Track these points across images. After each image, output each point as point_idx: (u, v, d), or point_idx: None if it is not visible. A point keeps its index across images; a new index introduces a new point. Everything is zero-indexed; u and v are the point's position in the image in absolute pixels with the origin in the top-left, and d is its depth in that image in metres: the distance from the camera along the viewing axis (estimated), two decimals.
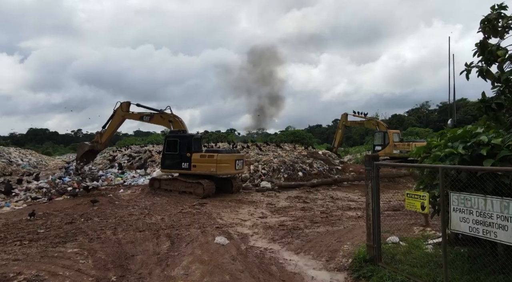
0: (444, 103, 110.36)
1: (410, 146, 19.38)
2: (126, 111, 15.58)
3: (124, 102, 15.79)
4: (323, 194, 13.35)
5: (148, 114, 15.04)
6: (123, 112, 15.53)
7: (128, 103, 15.77)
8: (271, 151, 19.39)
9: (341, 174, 16.62)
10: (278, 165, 15.92)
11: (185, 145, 13.32)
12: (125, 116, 15.60)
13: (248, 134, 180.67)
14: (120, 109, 15.55)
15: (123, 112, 15.53)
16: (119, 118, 15.74)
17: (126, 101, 15.93)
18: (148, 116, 15.10)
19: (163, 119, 14.84)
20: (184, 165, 13.21)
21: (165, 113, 14.83)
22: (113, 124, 16.00)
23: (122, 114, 15.57)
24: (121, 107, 15.53)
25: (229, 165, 12.57)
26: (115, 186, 15.66)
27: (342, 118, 25.22)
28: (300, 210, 10.41)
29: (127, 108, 15.65)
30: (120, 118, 15.70)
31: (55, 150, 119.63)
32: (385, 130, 21.03)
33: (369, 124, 23.31)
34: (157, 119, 14.90)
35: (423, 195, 4.79)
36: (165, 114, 14.80)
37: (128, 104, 15.72)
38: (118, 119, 15.78)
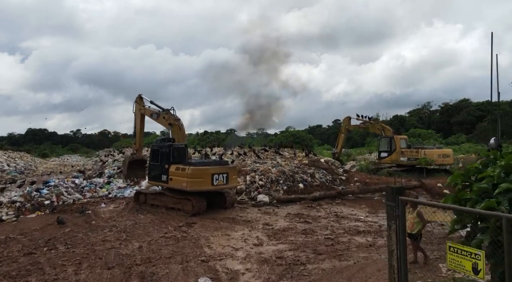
0: (446, 104, 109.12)
1: (419, 153, 18.06)
2: (142, 105, 15.06)
3: (138, 97, 15.46)
4: (327, 210, 12.00)
5: (156, 113, 14.39)
6: (139, 106, 15.05)
7: (140, 97, 15.33)
8: (269, 158, 18.06)
9: (345, 185, 15.29)
10: (277, 176, 14.59)
11: (165, 155, 12.04)
12: (142, 110, 15.05)
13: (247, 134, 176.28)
14: (137, 104, 15.15)
15: (139, 106, 15.05)
16: (139, 115, 15.23)
17: (139, 94, 15.48)
18: (156, 115, 14.39)
19: (165, 120, 13.92)
20: (163, 177, 11.98)
21: (168, 114, 13.83)
22: (138, 125, 15.50)
23: (139, 108, 15.05)
24: (137, 103, 15.18)
25: (203, 180, 11.09)
26: (99, 198, 14.32)
27: (345, 122, 23.90)
28: (301, 233, 9.06)
29: (142, 102, 15.20)
30: (139, 115, 15.18)
31: (53, 151, 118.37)
32: (392, 136, 19.69)
33: (374, 128, 21.97)
34: (161, 119, 14.18)
35: (477, 253, 3.43)
36: (168, 115, 13.78)
37: (140, 98, 15.29)
38: (138, 116, 15.29)
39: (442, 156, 18.00)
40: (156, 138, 14.38)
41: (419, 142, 65.12)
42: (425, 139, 68.61)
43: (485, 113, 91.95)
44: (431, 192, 13.99)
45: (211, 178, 11.26)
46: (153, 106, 14.89)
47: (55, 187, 14.62)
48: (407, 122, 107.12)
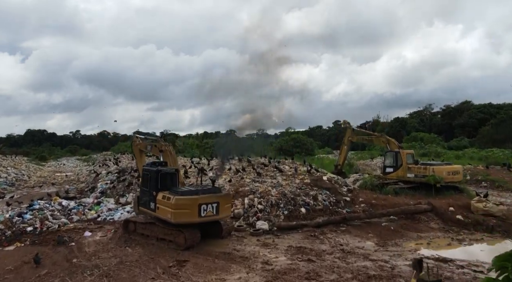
0: (447, 106, 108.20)
1: (427, 170, 17.09)
2: (137, 142, 14.46)
3: (134, 136, 15.46)
4: (331, 241, 11.04)
5: (150, 144, 13.80)
6: (136, 143, 14.53)
7: (135, 136, 15.18)
8: (269, 176, 17.09)
9: (350, 207, 14.33)
10: (277, 199, 13.63)
11: (153, 180, 11.12)
12: (139, 146, 14.41)
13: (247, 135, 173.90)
14: (134, 142, 14.70)
15: (136, 143, 14.53)
16: (138, 152, 14.62)
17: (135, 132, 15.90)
18: (150, 146, 13.81)
19: (156, 148, 13.25)
20: (151, 205, 11.06)
21: (159, 142, 13.28)
22: (139, 161, 14.75)
23: (136, 143, 14.52)
24: (134, 141, 14.79)
25: (189, 211, 10.08)
26: (86, 223, 13.37)
27: (348, 134, 22.94)
28: (304, 278, 8.10)
29: (137, 139, 14.68)
30: (138, 151, 14.60)
31: (52, 152, 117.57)
32: (398, 150, 18.72)
33: (379, 141, 21.01)
34: (154, 149, 13.55)
35: None
36: (159, 143, 13.20)
37: (135, 136, 15.04)
38: (137, 153, 14.72)
39: (451, 173, 17.04)
40: (148, 161, 13.60)
41: (421, 146, 64.45)
42: (427, 144, 67.79)
43: (488, 116, 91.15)
44: (443, 217, 13.04)
45: (198, 208, 10.25)
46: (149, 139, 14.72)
47: (39, 210, 13.66)
48: (408, 124, 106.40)
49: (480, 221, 12.34)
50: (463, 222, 12.50)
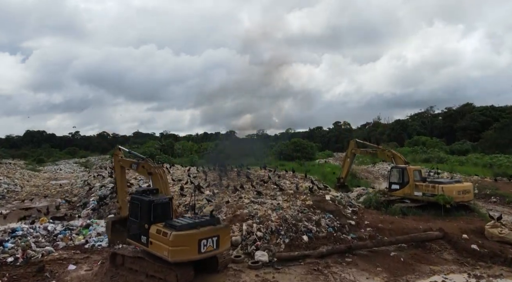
0: (449, 109, 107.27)
1: (436, 189, 16.14)
2: (121, 157, 13.24)
3: (115, 148, 13.97)
4: (337, 278, 10.11)
5: (135, 162, 12.41)
6: (118, 158, 13.29)
7: (118, 148, 13.70)
8: (269, 195, 16.16)
9: (355, 232, 13.41)
10: (277, 225, 12.70)
11: (144, 212, 10.10)
12: (121, 162, 13.19)
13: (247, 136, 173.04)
14: (115, 157, 13.49)
15: (118, 158, 13.29)
16: (119, 168, 13.40)
17: (116, 146, 14.06)
18: (135, 164, 12.39)
19: (144, 170, 11.93)
20: (143, 239, 10.04)
21: (147, 163, 11.90)
22: (119, 178, 13.59)
23: (118, 160, 13.28)
24: (116, 155, 13.49)
25: (187, 248, 9.15)
26: (72, 252, 12.44)
27: (351, 146, 22.03)
28: None
29: (120, 153, 13.40)
30: (119, 167, 13.38)
31: (51, 154, 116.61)
32: (404, 167, 17.78)
33: (383, 155, 20.08)
34: (140, 169, 12.17)
35: None
36: (147, 164, 11.85)
37: (118, 149, 13.64)
38: (118, 168, 13.48)
39: (461, 192, 16.09)
40: (137, 189, 12.48)
41: (423, 151, 63.50)
42: (429, 148, 66.85)
43: (490, 119, 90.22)
44: (456, 246, 12.10)
45: (198, 244, 9.34)
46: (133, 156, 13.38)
47: (22, 237, 12.74)
48: (409, 127, 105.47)
49: (497, 252, 11.40)
50: (479, 252, 11.57)
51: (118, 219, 13.18)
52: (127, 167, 12.89)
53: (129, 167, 12.68)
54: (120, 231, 13.14)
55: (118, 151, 13.35)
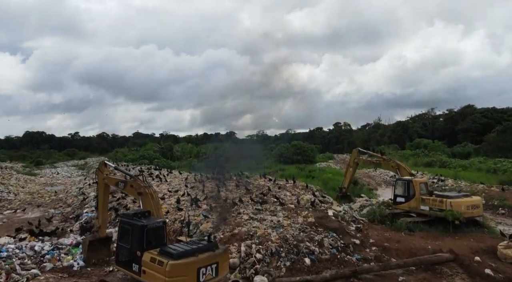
0: (450, 111, 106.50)
1: (444, 204, 15.41)
2: (106, 174, 12.36)
3: (101, 163, 13.00)
4: None
5: (123, 181, 11.51)
6: (103, 175, 12.38)
7: (104, 164, 12.83)
8: (269, 211, 15.42)
9: (359, 252, 12.67)
10: (278, 245, 11.97)
11: (136, 237, 9.31)
12: (106, 180, 12.33)
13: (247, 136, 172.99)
14: (100, 173, 12.47)
15: (103, 175, 12.38)
16: (102, 185, 12.57)
17: (102, 161, 13.34)
18: (123, 183, 11.51)
19: (133, 189, 11.10)
20: (134, 267, 9.25)
21: (137, 182, 11.05)
22: (101, 196, 12.79)
23: (103, 177, 12.39)
24: (100, 171, 12.47)
25: (186, 277, 8.38)
26: (60, 276, 11.70)
27: (354, 155, 21.32)
28: None
29: (105, 169, 12.51)
30: (103, 185, 12.55)
31: (49, 156, 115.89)
32: (410, 179, 17.04)
33: (388, 166, 19.36)
34: (128, 188, 11.33)
35: None
36: (136, 183, 11.01)
37: (104, 165, 12.74)
38: (102, 186, 12.62)
39: (471, 207, 15.36)
40: (127, 211, 11.62)
41: (425, 154, 62.76)
42: (431, 151, 66.10)
43: (491, 121, 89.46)
44: (468, 270, 11.36)
45: (197, 273, 8.59)
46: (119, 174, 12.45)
47: (7, 258, 12.00)
48: (410, 128, 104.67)
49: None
50: (494, 278, 10.84)
51: (97, 238, 12.53)
52: (113, 185, 12.10)
53: (115, 185, 11.87)
54: (97, 250, 12.49)
55: (104, 167, 12.45)
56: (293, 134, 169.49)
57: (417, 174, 37.88)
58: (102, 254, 12.62)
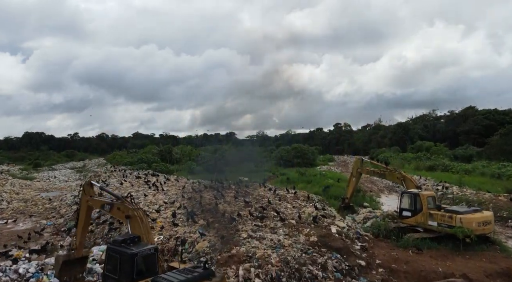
0: (451, 112, 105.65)
1: (453, 220, 14.58)
2: (90, 196, 11.53)
3: (86, 183, 12.00)
4: None
5: (109, 203, 10.59)
6: (86, 197, 11.57)
7: (90, 184, 11.86)
8: (268, 228, 14.61)
9: (365, 275, 11.88)
10: (278, 269, 11.17)
11: (125, 266, 8.51)
12: (89, 202, 11.50)
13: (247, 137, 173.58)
14: (84, 194, 11.67)
15: (86, 197, 11.57)
16: (85, 206, 11.72)
17: (87, 181, 12.23)
18: (109, 205, 10.60)
19: (120, 212, 10.18)
20: None
21: (124, 204, 10.12)
22: (82, 218, 11.94)
23: (86, 199, 11.57)
24: (84, 192, 11.66)
25: None
26: None
27: (357, 164, 20.52)
28: None
29: (91, 190, 11.67)
30: (85, 206, 11.70)
31: (48, 157, 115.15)
32: (416, 193, 16.23)
33: (392, 177, 18.56)
34: (115, 211, 10.41)
35: None
36: (124, 206, 10.09)
37: (90, 185, 11.79)
38: (84, 207, 11.79)
39: (482, 223, 14.54)
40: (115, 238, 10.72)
41: (427, 157, 61.91)
42: (433, 154, 65.26)
43: (493, 123, 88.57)
44: None
45: None
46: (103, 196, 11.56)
47: None
48: (411, 130, 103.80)
49: None
50: None
51: (72, 259, 11.75)
52: (98, 208, 11.29)
53: (100, 208, 11.05)
54: (70, 270, 11.78)
55: (89, 187, 11.59)
56: (293, 135, 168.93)
57: (420, 180, 37.21)
58: (77, 270, 11.96)
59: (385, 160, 19.24)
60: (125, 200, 10.44)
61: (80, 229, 11.85)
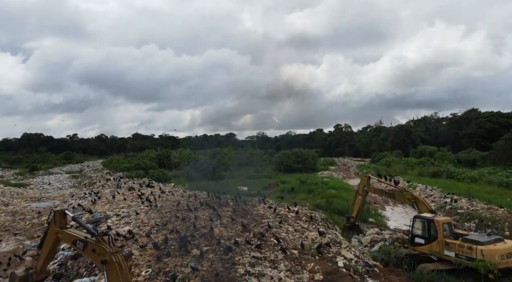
0: (454, 115, 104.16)
1: (473, 251, 13.18)
2: (59, 227, 10.01)
3: (57, 212, 10.27)
4: None
5: (83, 241, 9.06)
6: (56, 228, 10.05)
7: (63, 213, 10.24)
8: (268, 260, 13.18)
9: None
10: None
11: None
12: (59, 235, 10.01)
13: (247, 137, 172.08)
14: (53, 223, 10.12)
15: (56, 228, 10.05)
16: (53, 237, 10.26)
17: (59, 210, 10.41)
18: (82, 243, 9.10)
19: (96, 254, 8.67)
20: None
21: (100, 245, 8.61)
22: (48, 245, 10.49)
23: (56, 231, 10.07)
24: (54, 221, 10.09)
25: None
26: None
27: (363, 182, 19.11)
28: None
29: (62, 222, 10.10)
30: (53, 236, 10.25)
31: (46, 159, 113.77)
32: (431, 217, 14.81)
33: (402, 198, 17.13)
34: (88, 252, 8.92)
35: None
36: (100, 248, 8.58)
37: (63, 215, 10.20)
38: (51, 237, 10.33)
39: (506, 255, 13.13)
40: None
41: (430, 163, 60.45)
42: (436, 159, 63.80)
43: (497, 126, 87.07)
44: None
45: None
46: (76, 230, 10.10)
47: None
48: (413, 133, 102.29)
49: None
50: None
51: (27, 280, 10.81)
52: (68, 243, 9.82)
53: (71, 244, 9.59)
54: None
55: (61, 216, 10.03)
56: (293, 136, 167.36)
57: (426, 190, 35.79)
58: None
59: (394, 178, 17.77)
60: (102, 239, 8.94)
61: (44, 255, 10.49)
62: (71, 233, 9.75)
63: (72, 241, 9.47)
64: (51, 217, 10.48)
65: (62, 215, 10.26)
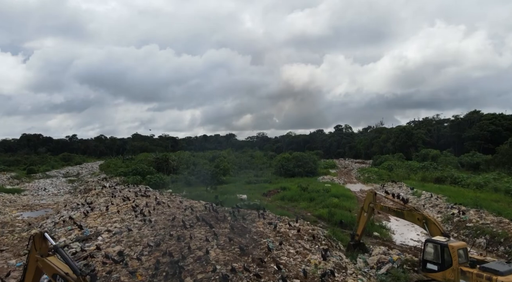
0: (456, 117, 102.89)
1: None
2: (40, 254, 8.68)
3: (36, 236, 8.90)
4: None
5: (63, 277, 7.86)
6: (37, 255, 8.76)
7: (43, 237, 8.80)
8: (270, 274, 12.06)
9: None
10: None
11: None
12: (39, 263, 8.72)
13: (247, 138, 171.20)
14: (34, 249, 8.83)
15: (37, 255, 8.76)
16: (34, 266, 8.99)
17: (38, 233, 9.02)
18: (62, 280, 7.91)
19: None
20: None
21: None
22: (29, 276, 9.20)
23: (36, 258, 8.79)
24: (34, 246, 8.80)
25: None
26: None
27: (369, 199, 17.94)
28: None
29: (42, 248, 8.74)
30: (34, 266, 8.97)
31: (44, 161, 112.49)
32: (445, 242, 13.64)
33: (412, 218, 15.93)
34: None
35: None
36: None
37: (42, 238, 8.78)
38: (32, 266, 9.04)
39: None
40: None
41: (433, 167, 59.26)
42: (440, 164, 62.60)
43: (500, 128, 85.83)
44: None
45: None
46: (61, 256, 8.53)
47: None
48: (415, 135, 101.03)
49: None
50: None
51: None
52: (48, 275, 8.62)
53: (51, 277, 8.39)
54: None
55: (41, 240, 8.79)
56: (293, 136, 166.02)
57: (431, 199, 34.58)
58: None
59: (403, 197, 16.60)
60: (84, 279, 7.84)
61: None
62: (52, 264, 8.53)
63: (52, 274, 8.31)
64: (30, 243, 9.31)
65: (42, 239, 8.96)
